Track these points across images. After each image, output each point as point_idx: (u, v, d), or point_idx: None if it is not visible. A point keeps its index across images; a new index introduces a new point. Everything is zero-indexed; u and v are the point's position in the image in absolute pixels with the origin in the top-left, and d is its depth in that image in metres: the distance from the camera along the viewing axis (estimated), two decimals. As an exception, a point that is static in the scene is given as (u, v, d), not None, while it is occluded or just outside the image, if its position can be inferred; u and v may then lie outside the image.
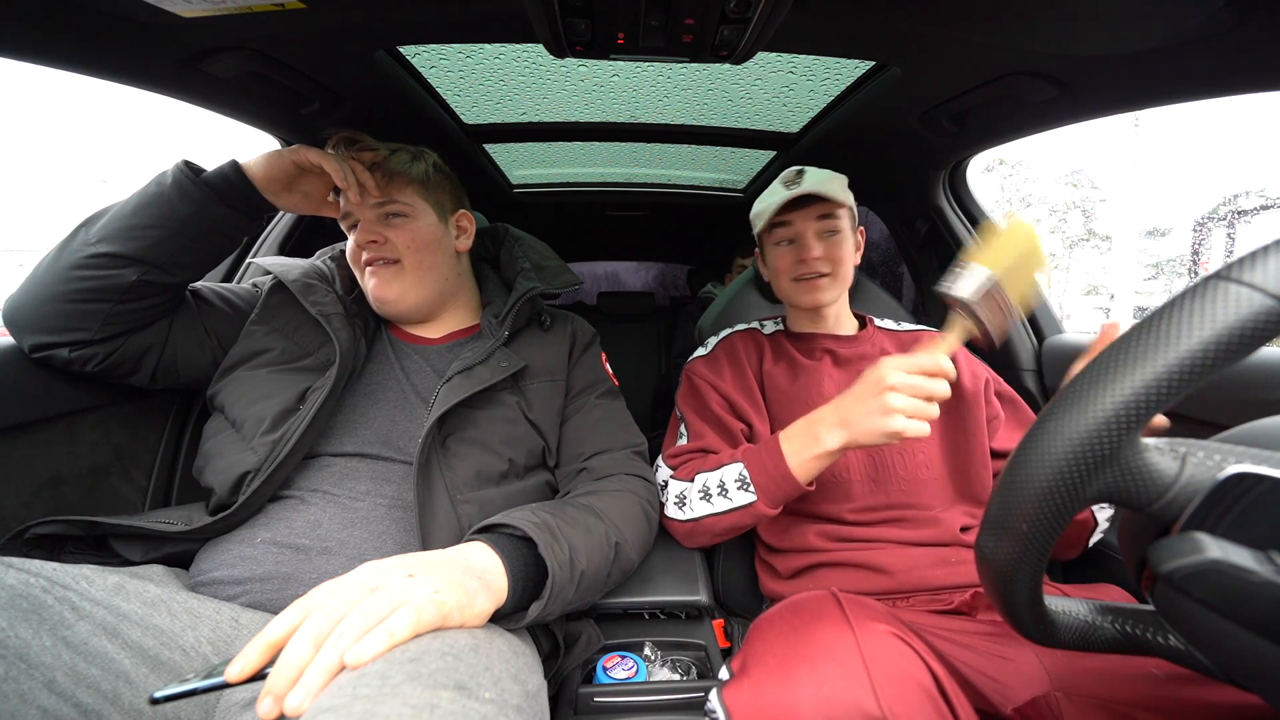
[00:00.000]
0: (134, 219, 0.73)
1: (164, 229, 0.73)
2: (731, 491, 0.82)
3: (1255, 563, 0.31)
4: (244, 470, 0.72)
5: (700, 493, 0.86)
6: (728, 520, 0.83)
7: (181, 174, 0.74)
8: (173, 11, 0.66)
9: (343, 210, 0.86)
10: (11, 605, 0.48)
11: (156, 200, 0.73)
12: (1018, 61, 0.83)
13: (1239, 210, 14.43)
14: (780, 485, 0.79)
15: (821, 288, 0.97)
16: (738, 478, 0.82)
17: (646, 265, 3.29)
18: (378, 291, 0.85)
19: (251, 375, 0.80)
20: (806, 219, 0.97)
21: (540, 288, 0.93)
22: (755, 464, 0.81)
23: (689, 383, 1.02)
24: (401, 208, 0.85)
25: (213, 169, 0.78)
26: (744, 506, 0.81)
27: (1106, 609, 0.47)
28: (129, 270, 0.72)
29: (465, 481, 0.75)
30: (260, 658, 0.43)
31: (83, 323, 0.73)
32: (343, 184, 0.78)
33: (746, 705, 0.54)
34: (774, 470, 0.79)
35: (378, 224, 0.84)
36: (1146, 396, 0.31)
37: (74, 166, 60.03)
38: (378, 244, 0.84)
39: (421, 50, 0.94)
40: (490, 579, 0.55)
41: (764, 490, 0.80)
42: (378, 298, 0.86)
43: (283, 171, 0.79)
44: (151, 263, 0.73)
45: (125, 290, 0.72)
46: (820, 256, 0.96)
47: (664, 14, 0.65)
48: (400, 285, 0.85)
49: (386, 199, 0.84)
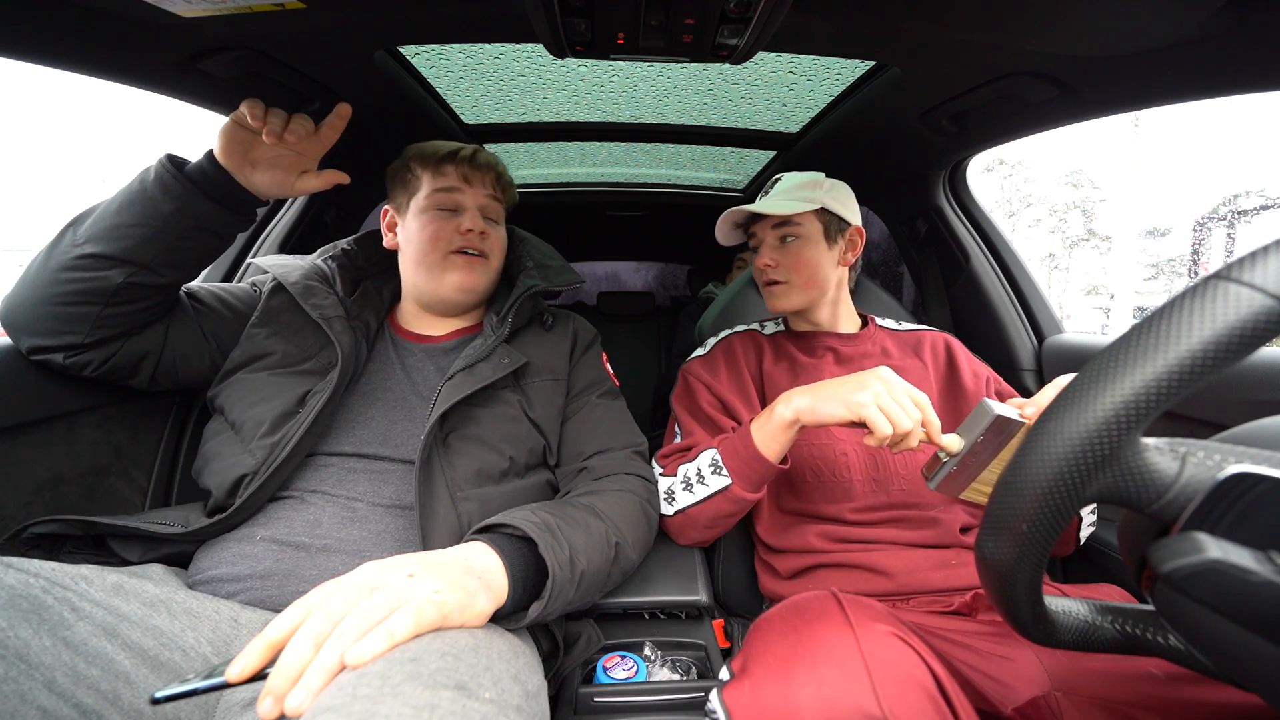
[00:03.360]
0: (118, 218, 0.70)
1: (148, 227, 0.70)
2: (707, 477, 0.83)
3: (1255, 563, 0.31)
4: (242, 473, 0.72)
5: (682, 484, 0.86)
6: (710, 508, 0.83)
7: (164, 169, 0.71)
8: (172, 11, 0.66)
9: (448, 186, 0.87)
10: (11, 605, 0.48)
11: (140, 197, 0.71)
12: (1018, 61, 0.83)
13: (1239, 210, 14.43)
14: (751, 465, 0.79)
15: (776, 294, 0.99)
16: (711, 462, 0.83)
17: (646, 265, 3.29)
18: (469, 281, 0.88)
19: (252, 378, 0.80)
20: (765, 228, 1.00)
21: (541, 285, 0.93)
22: (727, 447, 0.82)
23: (684, 382, 1.02)
24: (500, 211, 0.93)
25: (193, 162, 0.74)
26: (721, 491, 0.81)
27: (1106, 609, 0.47)
28: (115, 271, 0.70)
29: (466, 479, 0.75)
30: (260, 658, 0.43)
31: (73, 326, 0.71)
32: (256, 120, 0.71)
33: (747, 705, 0.54)
34: (743, 450, 0.79)
35: (483, 219, 0.89)
36: (1146, 396, 0.31)
37: (74, 166, 60.05)
38: (485, 237, 0.88)
39: (421, 50, 0.94)
40: (490, 579, 0.55)
41: (737, 472, 0.80)
42: (466, 287, 0.88)
43: (232, 140, 0.73)
44: (138, 263, 0.71)
45: (113, 292, 0.71)
46: (771, 264, 0.98)
47: (664, 14, 0.65)
48: (486, 279, 0.91)
49: (497, 197, 0.92)
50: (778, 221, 0.97)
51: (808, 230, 0.97)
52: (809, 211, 0.96)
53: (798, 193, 0.96)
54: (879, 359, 0.99)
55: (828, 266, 0.98)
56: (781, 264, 0.97)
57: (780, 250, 0.98)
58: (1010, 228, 15.79)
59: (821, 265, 0.97)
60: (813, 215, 0.97)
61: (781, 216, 0.96)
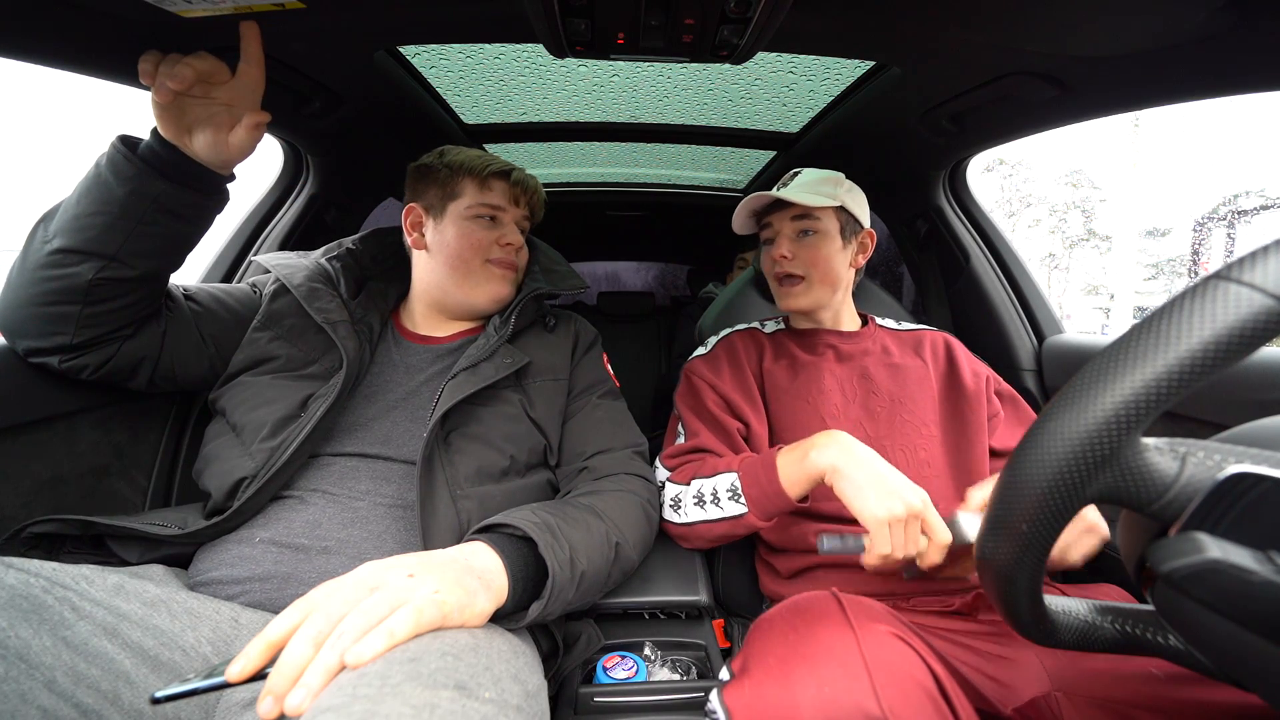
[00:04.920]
0: (78, 207, 0.67)
1: (106, 214, 0.67)
2: (724, 501, 0.82)
3: (1255, 563, 0.31)
4: (241, 476, 0.72)
5: (695, 498, 0.85)
6: (719, 529, 0.83)
7: (116, 150, 0.67)
8: (172, 11, 0.66)
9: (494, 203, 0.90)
10: (11, 605, 0.48)
11: (95, 183, 0.67)
12: (1018, 61, 0.83)
13: (1239, 210, 14.43)
14: (771, 499, 0.77)
15: (794, 294, 0.98)
16: (730, 487, 0.81)
17: (646, 265, 3.29)
18: (501, 292, 0.91)
19: (255, 381, 0.80)
20: (783, 219, 0.98)
21: (545, 288, 0.93)
22: (749, 476, 0.80)
23: (687, 382, 1.02)
24: (528, 229, 0.95)
25: (144, 141, 0.70)
26: (735, 517, 0.80)
27: (1106, 609, 0.47)
28: (84, 267, 0.67)
29: (466, 477, 0.75)
30: (261, 658, 0.43)
31: (57, 326, 0.70)
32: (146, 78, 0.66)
33: (747, 705, 0.54)
34: (766, 484, 0.78)
35: (519, 231, 0.93)
36: (1146, 396, 0.31)
37: (74, 166, 60.14)
38: (520, 252, 0.92)
39: (421, 50, 0.94)
40: (490, 579, 0.55)
41: (755, 502, 0.79)
42: (500, 298, 0.91)
43: (165, 110, 0.68)
44: (104, 255, 0.67)
45: (86, 290, 0.68)
46: (789, 257, 0.97)
47: (664, 14, 0.65)
48: (512, 291, 0.93)
49: (530, 218, 0.95)
50: (797, 214, 0.96)
51: (826, 226, 0.96)
52: (829, 208, 0.96)
53: (819, 188, 0.96)
54: (879, 357, 0.99)
55: (841, 266, 0.98)
56: (799, 257, 0.96)
57: (798, 243, 0.97)
58: (1010, 228, 15.78)
59: (836, 263, 0.97)
60: (832, 212, 0.96)
61: (803, 208, 0.95)
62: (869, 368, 0.97)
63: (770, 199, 0.97)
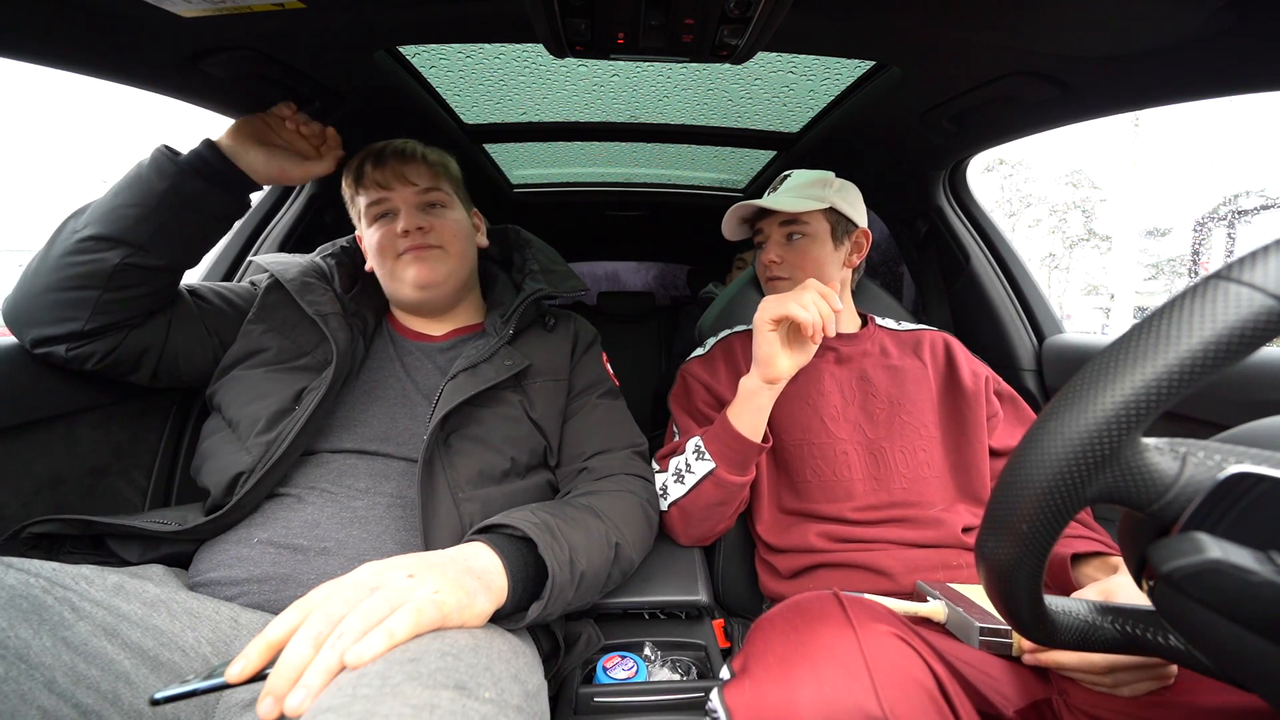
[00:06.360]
0: (115, 200, 0.74)
1: (143, 206, 0.73)
2: (693, 464, 0.85)
3: (1255, 563, 0.31)
4: (238, 471, 0.72)
5: (674, 476, 0.88)
6: (701, 496, 0.84)
7: (160, 154, 0.75)
8: (172, 11, 0.66)
9: (375, 199, 0.86)
10: (11, 605, 0.48)
11: (136, 181, 0.74)
12: (1018, 61, 0.83)
13: (1239, 210, 14.43)
14: (731, 445, 0.81)
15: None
16: (695, 449, 0.86)
17: (646, 265, 3.29)
18: (422, 276, 0.84)
19: (248, 375, 0.80)
20: (772, 224, 1.00)
21: (546, 289, 0.93)
22: (709, 433, 0.85)
23: (682, 382, 1.03)
24: (443, 198, 0.89)
25: (189, 150, 0.78)
26: (707, 475, 0.83)
27: (1106, 609, 0.47)
28: (113, 253, 0.72)
29: (468, 480, 0.75)
30: (260, 658, 0.43)
31: (73, 311, 0.72)
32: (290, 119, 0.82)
33: (747, 705, 0.54)
34: (723, 432, 0.82)
35: (420, 213, 0.86)
36: (1147, 396, 0.31)
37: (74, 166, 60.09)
38: (423, 231, 0.85)
39: (421, 50, 0.94)
40: (490, 579, 0.55)
41: (719, 455, 0.82)
42: (423, 282, 0.85)
43: (250, 123, 0.80)
44: (133, 243, 0.73)
45: (110, 274, 0.72)
46: (778, 260, 0.98)
47: (664, 14, 0.65)
48: (445, 269, 0.86)
49: (432, 186, 0.87)
50: (785, 219, 0.97)
51: (815, 229, 0.97)
52: (817, 210, 0.96)
53: (807, 190, 0.96)
54: (878, 358, 0.99)
55: (833, 267, 0.98)
56: (787, 261, 0.97)
57: (786, 248, 0.98)
58: (1010, 228, 15.80)
59: (827, 265, 0.97)
60: (821, 214, 0.97)
61: (789, 214, 0.96)
62: (868, 370, 0.97)
63: (754, 208, 0.98)
